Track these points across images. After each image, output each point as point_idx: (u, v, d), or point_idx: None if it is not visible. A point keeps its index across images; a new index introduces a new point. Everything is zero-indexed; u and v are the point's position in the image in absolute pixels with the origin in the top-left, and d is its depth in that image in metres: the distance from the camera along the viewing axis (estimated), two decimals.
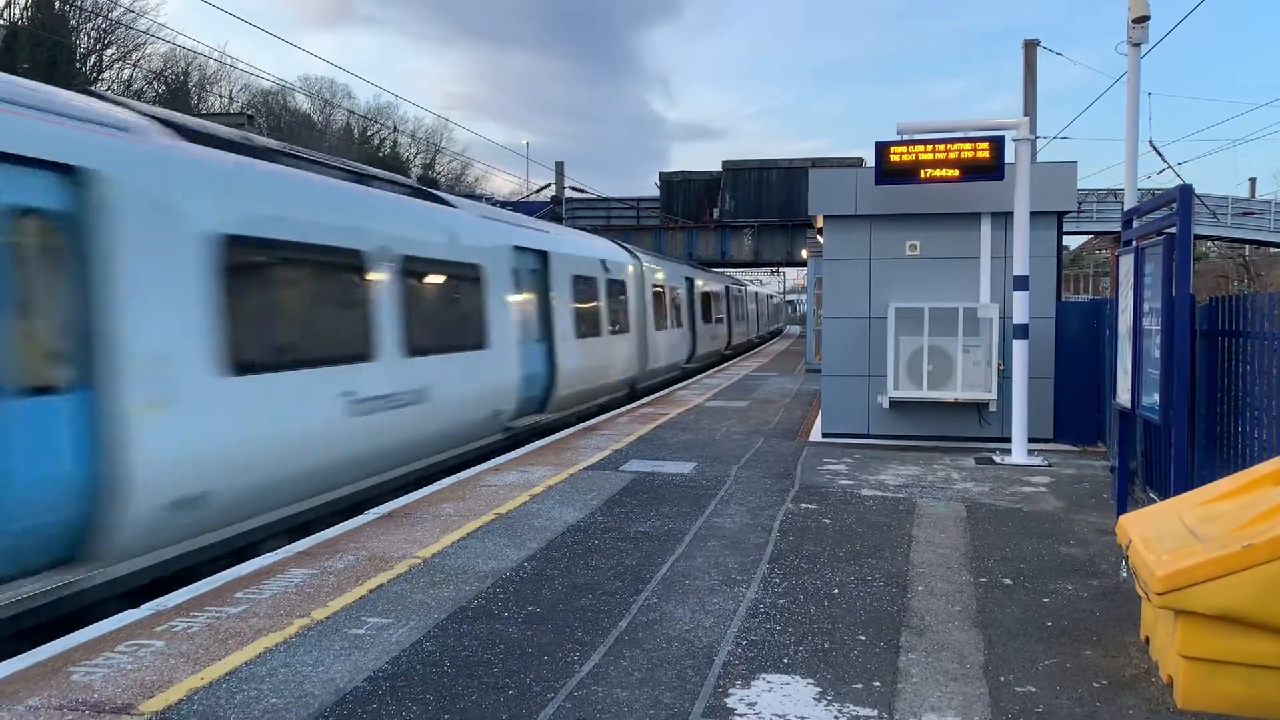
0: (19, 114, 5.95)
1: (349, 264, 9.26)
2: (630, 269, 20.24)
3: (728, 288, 36.30)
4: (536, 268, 14.49)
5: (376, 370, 9.46)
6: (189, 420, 6.98)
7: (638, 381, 20.52)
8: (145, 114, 7.53)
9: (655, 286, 22.52)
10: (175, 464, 6.81)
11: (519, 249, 13.73)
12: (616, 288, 18.84)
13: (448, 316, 11.33)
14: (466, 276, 11.89)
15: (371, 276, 9.57)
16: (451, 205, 12.48)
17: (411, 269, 10.39)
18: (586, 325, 16.47)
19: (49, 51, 33.44)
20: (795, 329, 72.02)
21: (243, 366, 7.56)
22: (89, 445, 6.21)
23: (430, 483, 9.71)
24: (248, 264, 7.82)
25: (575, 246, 16.89)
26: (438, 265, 11.13)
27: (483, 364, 12.01)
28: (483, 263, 12.30)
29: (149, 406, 6.60)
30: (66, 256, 6.20)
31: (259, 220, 7.98)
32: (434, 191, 12.89)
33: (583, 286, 16.48)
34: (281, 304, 8.37)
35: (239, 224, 7.68)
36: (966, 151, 10.83)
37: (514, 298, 13.28)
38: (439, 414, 10.71)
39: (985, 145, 10.77)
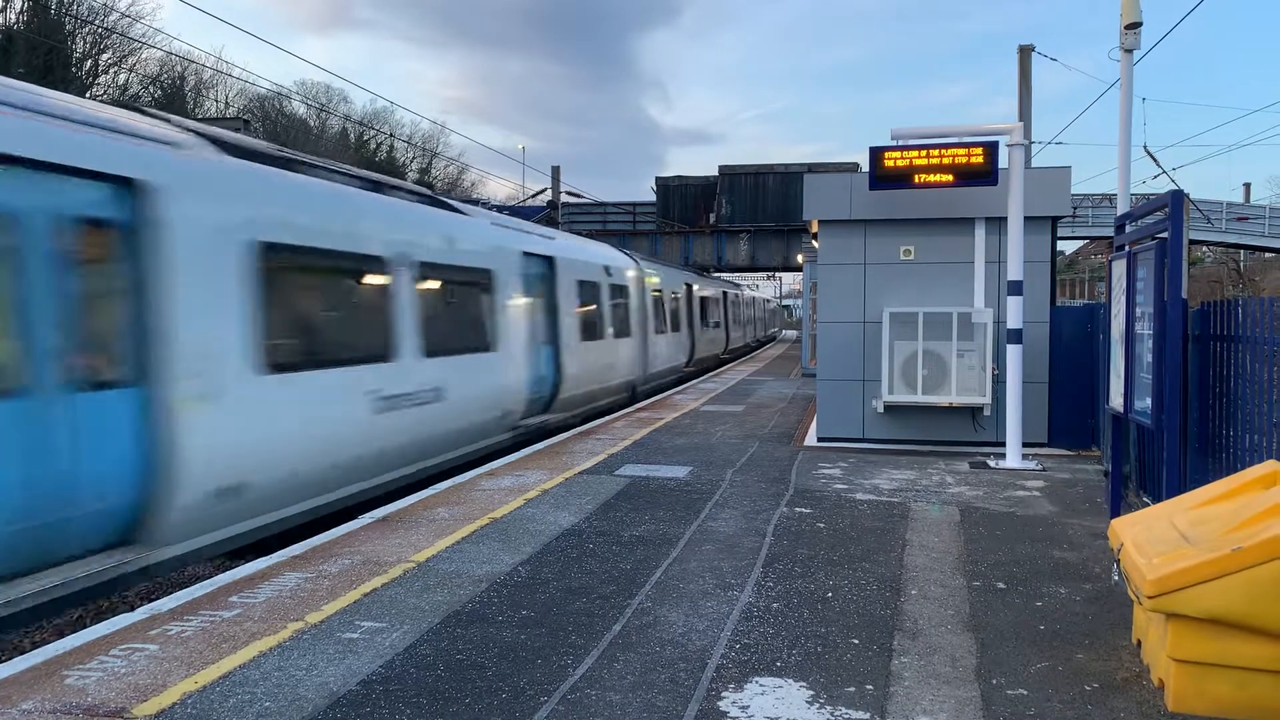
0: (85, 131, 6.52)
1: (374, 269, 9.82)
2: (632, 274, 20.74)
3: (724, 293, 37.08)
4: (544, 273, 14.87)
5: (398, 370, 10.03)
6: (230, 415, 7.52)
7: (638, 384, 20.94)
8: (190, 130, 8.04)
9: (655, 291, 22.96)
10: (218, 455, 7.37)
11: (527, 255, 14.16)
12: (619, 293, 19.31)
13: (461, 320, 11.88)
14: (479, 282, 12.41)
15: (393, 281, 10.13)
16: (464, 213, 12.93)
17: (428, 274, 10.93)
18: (590, 329, 16.94)
19: (44, 56, 33.43)
20: (791, 333, 72.11)
21: (279, 366, 8.12)
22: (143, 434, 6.82)
23: (434, 483, 9.73)
24: (284, 269, 8.35)
25: (580, 252, 17.28)
26: (452, 270, 11.65)
27: (494, 366, 12.57)
28: (494, 268, 12.80)
29: (196, 400, 7.18)
30: (125, 263, 6.78)
31: (295, 228, 8.50)
32: (447, 200, 13.56)
33: (587, 291, 16.93)
34: (314, 306, 9.01)
35: (277, 232, 8.19)
36: (960, 157, 10.86)
37: (522, 302, 13.72)
38: (453, 413, 11.24)
39: (979, 150, 10.80)
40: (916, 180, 11.02)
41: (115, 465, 6.56)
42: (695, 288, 29.22)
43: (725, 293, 36.94)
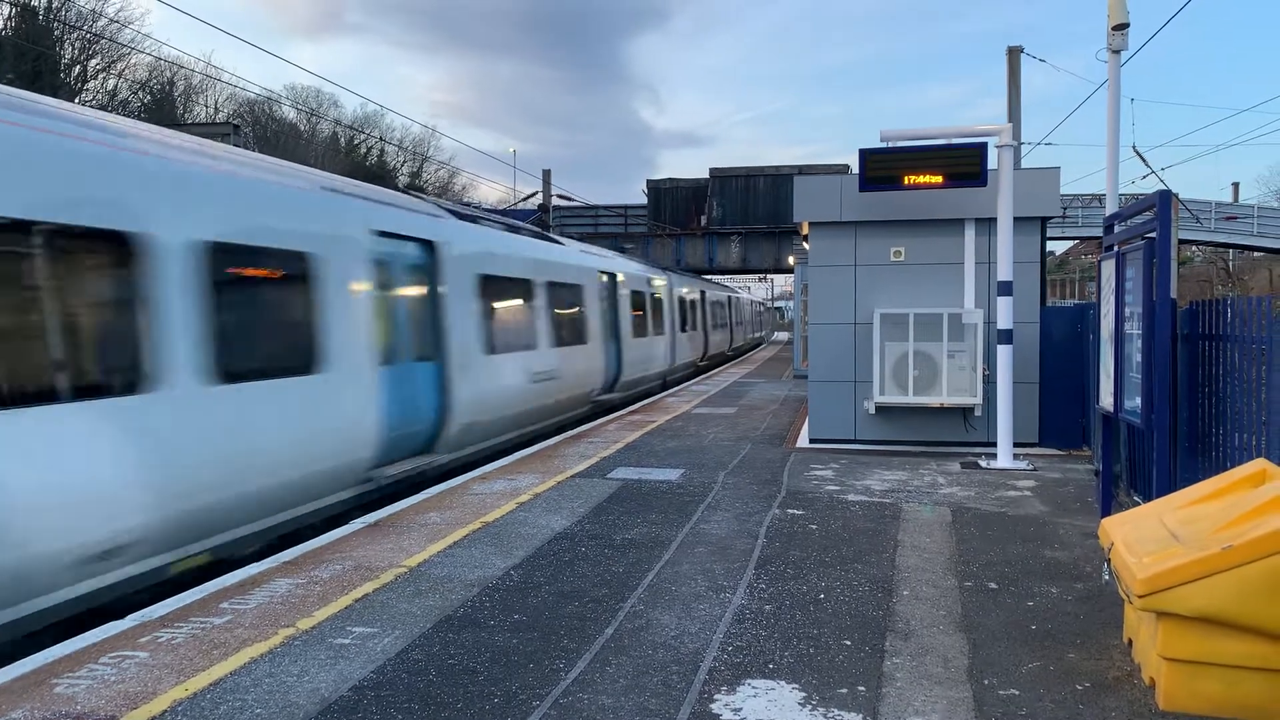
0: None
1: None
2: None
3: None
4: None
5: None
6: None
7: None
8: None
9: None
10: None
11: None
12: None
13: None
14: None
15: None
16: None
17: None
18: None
19: (33, 62, 33.33)
20: (783, 335, 72.21)
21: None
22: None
23: (433, 484, 9.72)
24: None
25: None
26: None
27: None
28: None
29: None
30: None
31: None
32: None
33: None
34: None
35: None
36: (950, 158, 10.89)
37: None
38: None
39: (968, 151, 10.83)
40: (906, 181, 11.05)
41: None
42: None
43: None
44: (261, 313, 8.26)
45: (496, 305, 13.04)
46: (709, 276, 43.44)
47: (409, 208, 11.22)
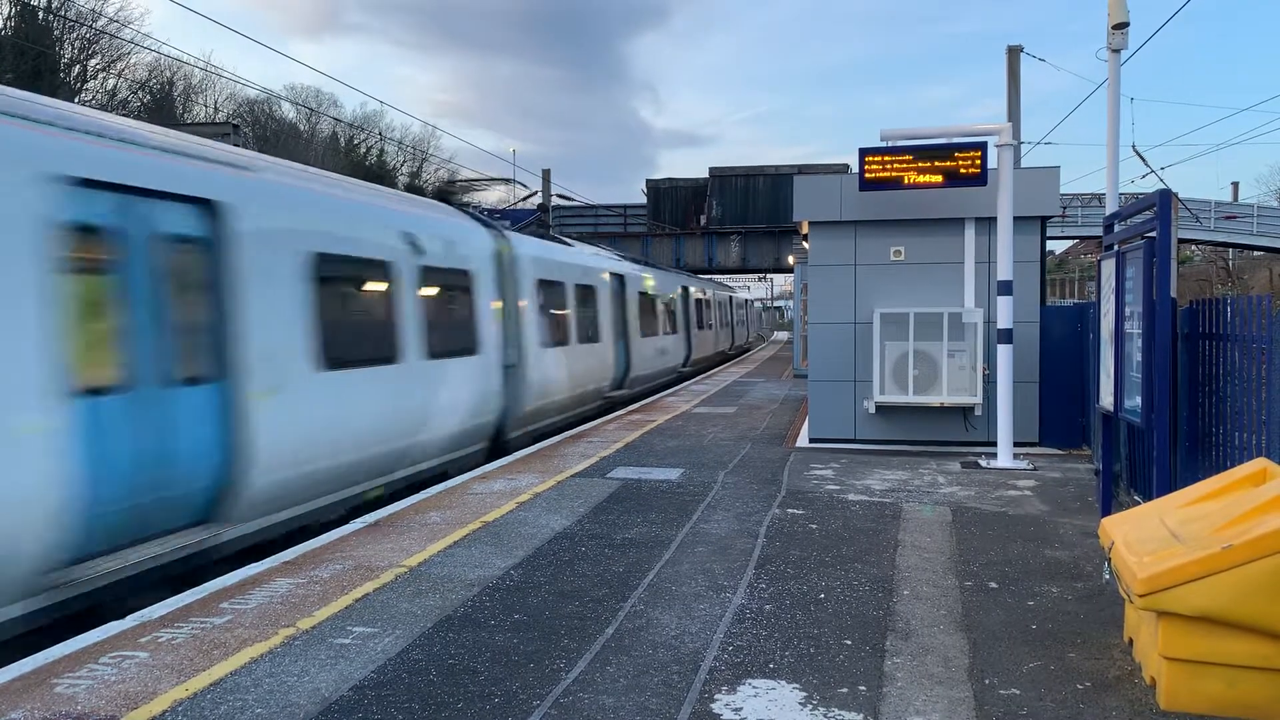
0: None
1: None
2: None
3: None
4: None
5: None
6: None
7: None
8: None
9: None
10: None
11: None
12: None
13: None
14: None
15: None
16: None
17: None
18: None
19: (33, 61, 33.31)
20: (783, 334, 72.28)
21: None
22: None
23: (431, 485, 9.71)
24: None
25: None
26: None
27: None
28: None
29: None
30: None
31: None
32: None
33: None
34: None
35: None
36: (949, 158, 10.89)
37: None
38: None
39: (968, 151, 10.83)
40: (906, 181, 11.05)
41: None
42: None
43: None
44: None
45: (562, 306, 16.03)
46: (710, 276, 43.44)
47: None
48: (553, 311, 15.31)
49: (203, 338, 7.38)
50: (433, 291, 11.02)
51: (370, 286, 9.81)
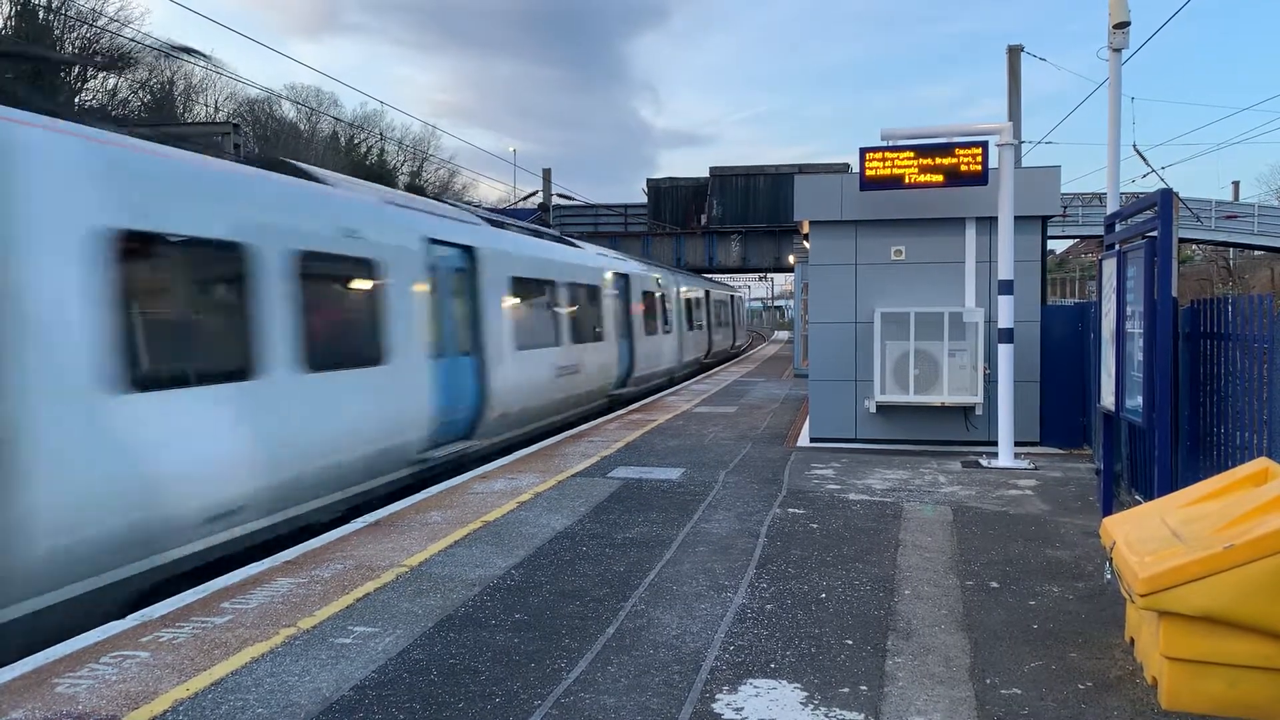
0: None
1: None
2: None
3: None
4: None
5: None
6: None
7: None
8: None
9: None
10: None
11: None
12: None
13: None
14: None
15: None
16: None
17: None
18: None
19: (33, 60, 33.28)
20: (784, 334, 72.36)
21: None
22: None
23: (430, 485, 9.72)
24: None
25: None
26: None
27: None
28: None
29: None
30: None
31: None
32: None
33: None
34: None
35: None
36: (950, 157, 10.88)
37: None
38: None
39: (969, 151, 10.82)
40: (907, 181, 11.04)
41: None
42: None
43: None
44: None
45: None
46: (710, 275, 43.42)
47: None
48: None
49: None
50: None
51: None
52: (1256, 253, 55.20)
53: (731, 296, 41.34)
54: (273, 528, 7.91)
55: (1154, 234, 6.96)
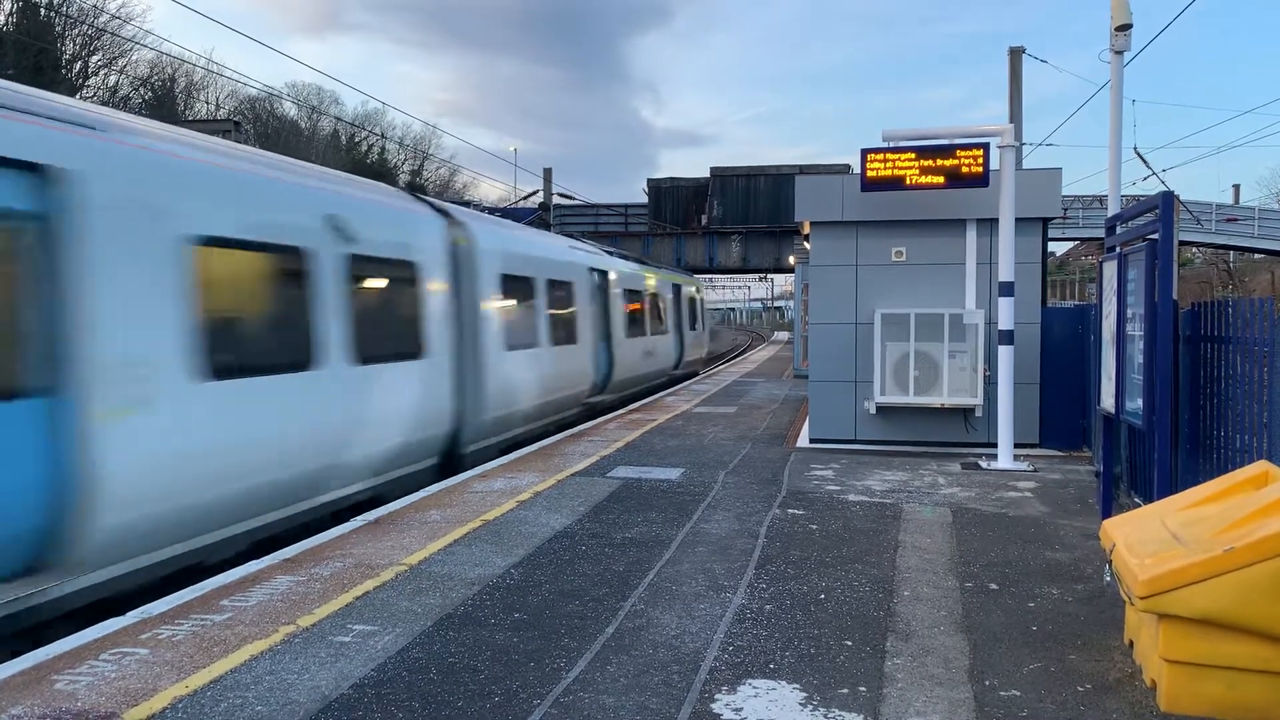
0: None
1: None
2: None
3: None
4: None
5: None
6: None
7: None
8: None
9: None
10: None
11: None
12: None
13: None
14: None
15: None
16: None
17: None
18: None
19: (34, 57, 33.30)
20: (783, 335, 72.42)
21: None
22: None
23: (429, 485, 9.70)
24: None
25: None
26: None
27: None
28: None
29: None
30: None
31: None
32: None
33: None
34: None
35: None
36: (951, 159, 10.88)
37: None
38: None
39: (970, 152, 10.82)
40: (908, 182, 11.04)
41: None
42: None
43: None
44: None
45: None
46: (710, 275, 43.37)
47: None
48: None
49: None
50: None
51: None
52: (1257, 256, 55.19)
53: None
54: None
55: (1155, 237, 6.96)
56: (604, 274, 18.93)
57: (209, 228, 7.33)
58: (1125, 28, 10.84)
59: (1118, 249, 7.83)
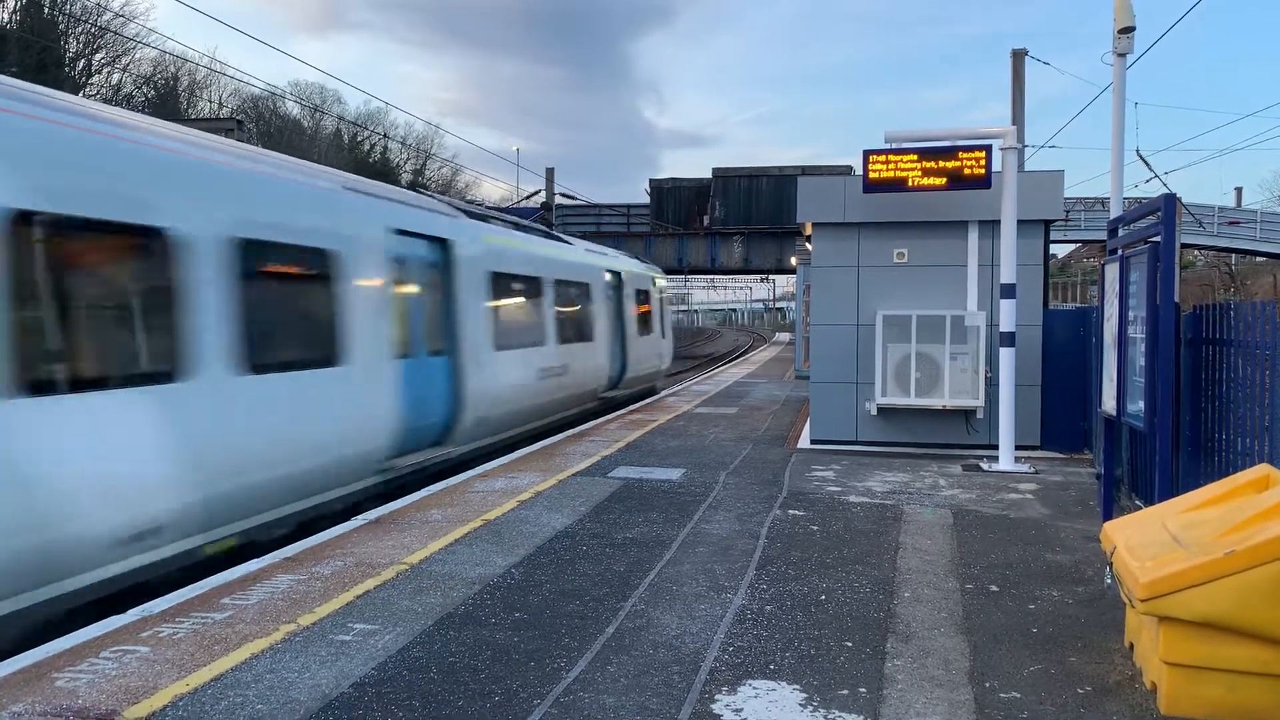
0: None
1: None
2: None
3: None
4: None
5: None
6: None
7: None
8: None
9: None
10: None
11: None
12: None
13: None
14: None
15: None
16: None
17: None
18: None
19: (38, 55, 33.34)
20: (785, 336, 72.43)
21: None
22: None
23: (430, 484, 9.72)
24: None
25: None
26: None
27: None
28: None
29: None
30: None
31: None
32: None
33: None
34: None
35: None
36: (954, 160, 10.88)
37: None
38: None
39: (972, 154, 10.82)
40: (910, 184, 11.04)
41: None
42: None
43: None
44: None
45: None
46: (712, 275, 43.35)
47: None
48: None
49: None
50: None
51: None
52: (1259, 258, 55.15)
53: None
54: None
55: (1156, 239, 6.95)
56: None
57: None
58: (1128, 30, 10.82)
59: (1119, 251, 7.82)
